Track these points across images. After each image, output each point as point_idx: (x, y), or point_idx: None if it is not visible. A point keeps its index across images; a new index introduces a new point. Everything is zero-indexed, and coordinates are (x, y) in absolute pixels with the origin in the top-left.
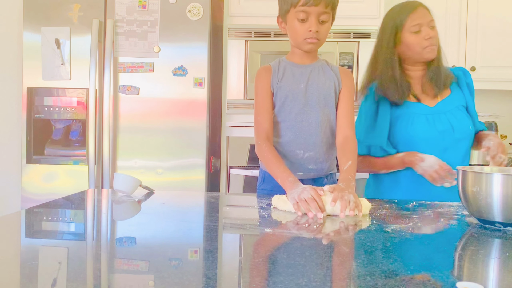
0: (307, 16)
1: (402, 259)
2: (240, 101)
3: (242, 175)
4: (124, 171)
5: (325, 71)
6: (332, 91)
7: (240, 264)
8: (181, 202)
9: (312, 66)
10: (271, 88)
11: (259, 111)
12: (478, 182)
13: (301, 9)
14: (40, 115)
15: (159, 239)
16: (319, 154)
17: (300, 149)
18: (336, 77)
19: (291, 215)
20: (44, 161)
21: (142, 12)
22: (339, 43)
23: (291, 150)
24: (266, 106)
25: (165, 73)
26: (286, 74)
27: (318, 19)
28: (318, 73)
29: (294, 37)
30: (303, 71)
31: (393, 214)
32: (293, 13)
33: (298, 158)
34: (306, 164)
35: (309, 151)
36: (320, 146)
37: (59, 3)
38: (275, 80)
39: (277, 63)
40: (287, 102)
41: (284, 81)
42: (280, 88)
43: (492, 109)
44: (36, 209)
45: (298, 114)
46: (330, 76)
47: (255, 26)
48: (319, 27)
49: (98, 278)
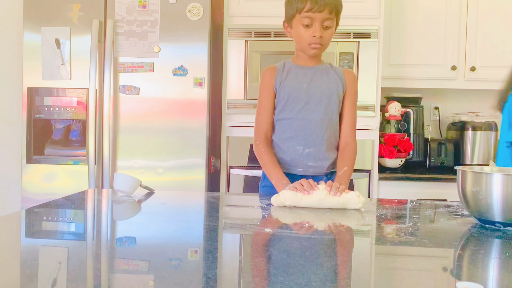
0: (312, 22)
1: (402, 258)
2: (240, 101)
3: (242, 175)
4: (124, 171)
5: (329, 73)
6: (334, 92)
7: (240, 264)
8: (181, 202)
9: (315, 68)
10: (274, 89)
11: (260, 111)
12: (478, 182)
13: (305, 15)
14: (40, 115)
15: (159, 239)
16: (319, 152)
17: (300, 145)
18: (340, 79)
19: (291, 214)
20: (44, 161)
21: (142, 12)
22: (339, 43)
23: (291, 145)
24: (268, 106)
25: (165, 73)
26: (290, 74)
27: (322, 25)
28: (322, 75)
29: (299, 42)
30: (306, 72)
31: (393, 214)
32: (298, 18)
33: (297, 154)
34: (305, 160)
35: (309, 148)
36: (320, 143)
37: (59, 3)
38: (279, 80)
39: (282, 64)
40: (290, 100)
41: (287, 81)
42: (283, 88)
43: (491, 109)
44: (36, 209)
45: (299, 111)
46: (334, 78)
47: (255, 26)
48: (323, 33)
49: (98, 278)
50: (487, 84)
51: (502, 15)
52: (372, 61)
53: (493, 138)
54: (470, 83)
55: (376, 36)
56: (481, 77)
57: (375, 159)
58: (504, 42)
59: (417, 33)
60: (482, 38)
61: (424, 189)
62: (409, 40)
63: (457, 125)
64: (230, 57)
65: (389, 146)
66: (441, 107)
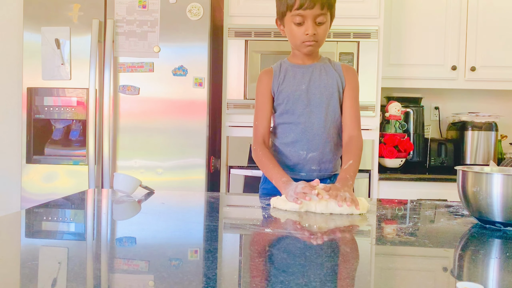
0: (304, 20)
1: (402, 258)
2: (240, 101)
3: (242, 175)
4: (124, 171)
5: (327, 70)
6: (335, 90)
7: (240, 264)
8: (181, 202)
9: (313, 66)
10: (271, 92)
11: (257, 116)
12: (478, 182)
13: (296, 12)
14: (40, 115)
15: (159, 239)
16: (323, 155)
17: (303, 150)
18: (339, 75)
19: (291, 214)
20: (44, 161)
21: (142, 12)
22: (339, 43)
23: (294, 150)
24: (265, 111)
25: (165, 73)
26: (287, 76)
27: (314, 21)
28: (320, 73)
29: (293, 40)
30: (304, 71)
31: (393, 214)
32: (289, 17)
33: (301, 159)
34: (309, 164)
35: (312, 152)
36: (324, 146)
37: (59, 3)
38: (276, 83)
39: (279, 66)
40: (289, 104)
41: (285, 84)
42: (282, 91)
43: (492, 109)
44: (36, 209)
45: (300, 115)
46: (333, 74)
47: (255, 26)
48: (316, 29)
49: (98, 278)
50: (487, 84)
51: (502, 15)
52: (372, 61)
53: (493, 138)
54: (470, 83)
55: (376, 36)
56: (481, 77)
57: (375, 159)
58: (505, 42)
59: (417, 33)
60: (482, 38)
61: (424, 189)
62: (409, 40)
63: (457, 125)
64: (230, 57)
65: (389, 146)
66: (441, 107)
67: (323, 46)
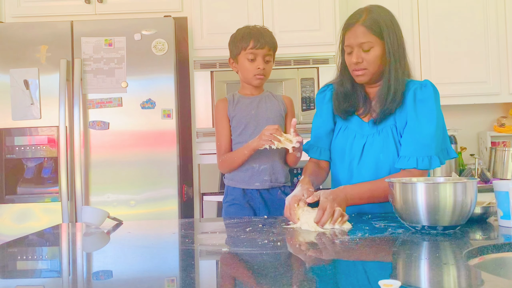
0: (255, 57)
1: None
2: (209, 129)
3: (215, 201)
4: (97, 205)
5: (271, 99)
6: (279, 114)
7: None
8: (148, 230)
9: (260, 96)
10: (228, 116)
11: (219, 137)
12: (405, 192)
13: (250, 51)
14: (11, 155)
15: (134, 271)
16: (274, 166)
17: (256, 163)
18: (281, 103)
19: (266, 234)
20: (17, 200)
21: (108, 50)
22: (300, 70)
23: (248, 164)
24: (225, 131)
25: (134, 107)
26: (239, 104)
27: (264, 59)
28: (266, 101)
29: (245, 74)
30: (252, 100)
31: (335, 230)
32: (244, 54)
33: (254, 171)
34: (262, 175)
35: (264, 164)
36: (273, 159)
37: (26, 45)
38: (231, 109)
39: (232, 96)
40: (242, 126)
41: (237, 110)
42: (236, 116)
43: (449, 123)
44: (6, 246)
45: (252, 134)
46: (275, 103)
47: (219, 58)
48: (265, 65)
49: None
50: (444, 100)
51: (451, 37)
52: None
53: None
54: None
55: (334, 61)
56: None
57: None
58: (452, 60)
59: None
60: (435, 57)
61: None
62: None
63: None
64: (197, 88)
65: None
66: None
67: (285, 73)
